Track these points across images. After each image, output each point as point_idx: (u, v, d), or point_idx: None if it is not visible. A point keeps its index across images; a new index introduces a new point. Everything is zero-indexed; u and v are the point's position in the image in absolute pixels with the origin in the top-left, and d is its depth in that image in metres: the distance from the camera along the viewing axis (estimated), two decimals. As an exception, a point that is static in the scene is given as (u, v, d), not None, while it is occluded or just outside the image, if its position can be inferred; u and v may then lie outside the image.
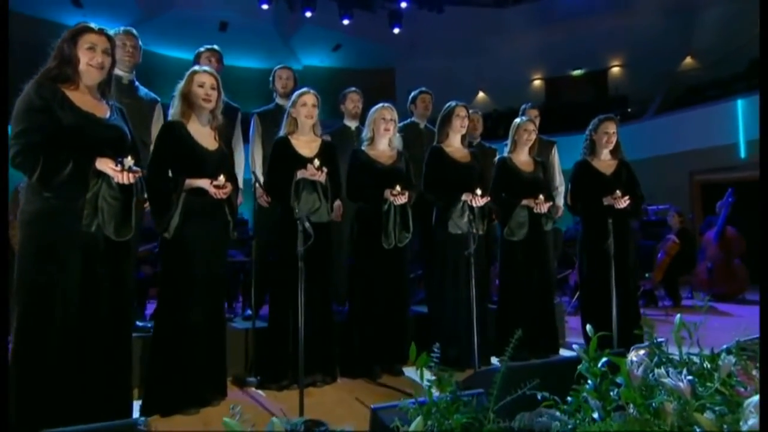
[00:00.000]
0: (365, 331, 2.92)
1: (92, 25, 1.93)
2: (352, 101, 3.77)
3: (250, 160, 3.48)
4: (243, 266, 4.13)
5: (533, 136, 3.32)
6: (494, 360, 3.23)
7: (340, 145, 3.54)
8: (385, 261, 2.94)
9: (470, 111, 4.15)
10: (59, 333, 1.73)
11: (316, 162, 2.65)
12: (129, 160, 1.84)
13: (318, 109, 2.85)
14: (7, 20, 1.89)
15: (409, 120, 4.04)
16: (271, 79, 3.67)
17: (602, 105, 12.34)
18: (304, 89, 2.89)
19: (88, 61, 1.90)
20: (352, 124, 3.77)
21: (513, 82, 12.62)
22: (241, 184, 3.33)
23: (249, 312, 3.39)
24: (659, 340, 1.47)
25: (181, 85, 2.39)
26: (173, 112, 2.40)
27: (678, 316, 1.49)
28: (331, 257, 2.96)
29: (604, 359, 1.33)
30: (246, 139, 3.57)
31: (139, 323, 2.82)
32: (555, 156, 4.19)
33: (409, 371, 3.02)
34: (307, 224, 2.13)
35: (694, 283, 6.44)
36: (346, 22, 10.84)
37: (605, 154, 3.32)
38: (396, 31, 11.27)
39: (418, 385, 1.24)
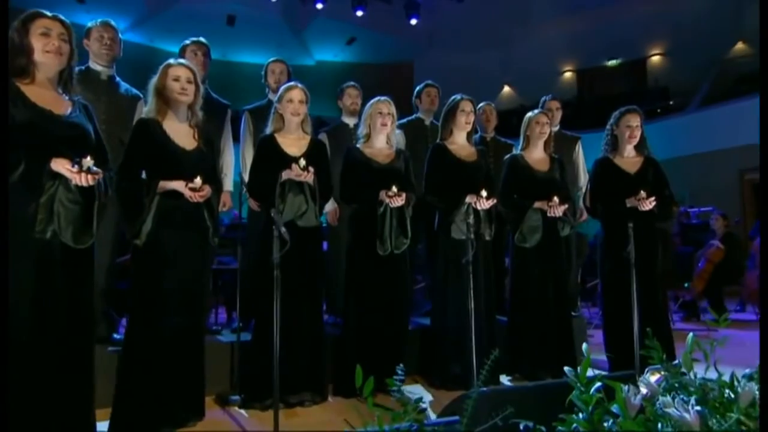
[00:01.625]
0: (360, 345, 2.86)
1: (44, 11, 1.92)
2: (351, 97, 3.73)
3: (240, 160, 3.46)
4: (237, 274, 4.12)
5: (546, 130, 3.21)
6: (505, 379, 3.13)
7: (339, 144, 3.51)
8: (381, 269, 2.88)
9: (483, 103, 4.14)
10: (12, 351, 1.71)
11: (302, 161, 2.61)
12: (88, 161, 1.81)
13: (306, 105, 2.80)
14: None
15: (414, 116, 3.98)
16: (263, 73, 3.65)
17: (641, 98, 12.03)
18: (291, 83, 2.86)
19: (43, 48, 1.86)
20: (351, 122, 3.72)
21: (541, 75, 12.42)
22: (230, 186, 3.34)
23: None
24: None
25: (154, 79, 2.38)
26: (147, 108, 2.39)
27: (690, 335, 1.39)
28: (322, 265, 2.92)
29: (597, 384, 1.24)
30: (237, 138, 3.56)
31: (116, 336, 2.81)
32: (579, 153, 4.07)
33: (410, 390, 2.94)
34: (283, 229, 2.08)
35: (743, 294, 6.14)
36: (359, 13, 10.85)
37: (629, 150, 3.19)
38: (413, 22, 11.22)
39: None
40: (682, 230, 6.49)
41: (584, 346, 1.42)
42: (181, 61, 2.45)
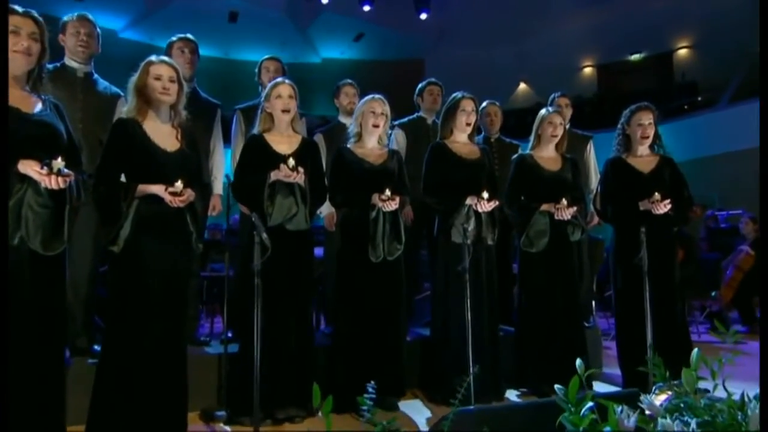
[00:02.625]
0: (351, 358, 2.83)
1: (16, 7, 1.93)
2: (348, 95, 3.72)
3: (231, 162, 3.46)
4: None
5: (559, 132, 3.18)
6: (512, 395, 3.07)
7: (335, 145, 3.49)
8: (373, 277, 2.86)
9: (487, 102, 4.11)
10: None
11: (291, 161, 2.60)
12: (59, 162, 1.82)
13: (296, 101, 2.80)
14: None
15: (416, 115, 3.97)
16: (256, 71, 3.66)
17: (667, 94, 11.90)
18: (279, 79, 2.86)
19: (12, 47, 1.87)
20: (348, 121, 3.67)
21: (560, 71, 12.34)
22: (220, 190, 3.34)
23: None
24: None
25: (134, 77, 2.38)
26: (127, 108, 2.39)
27: (695, 350, 1.33)
28: (311, 271, 2.91)
29: (589, 404, 1.20)
30: (228, 139, 3.57)
31: (97, 348, 2.81)
32: (591, 153, 4.03)
33: (406, 405, 2.91)
34: (264, 235, 2.06)
35: (776, 303, 5.98)
36: (366, 8, 10.88)
37: (642, 149, 3.17)
38: (423, 16, 11.21)
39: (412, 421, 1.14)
40: (709, 235, 6.36)
41: (578, 361, 1.38)
42: (164, 58, 2.45)
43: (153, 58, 2.43)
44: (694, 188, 3.17)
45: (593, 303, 4.56)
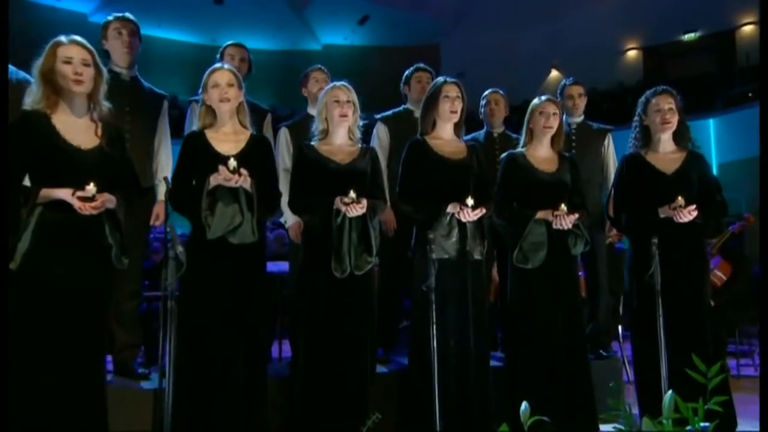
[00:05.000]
0: (310, 390, 2.77)
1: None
2: (318, 82, 3.66)
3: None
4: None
5: (553, 123, 3.06)
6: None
7: (303, 139, 3.44)
8: (337, 295, 2.79)
9: (490, 90, 4.02)
10: None
11: (232, 162, 2.53)
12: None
13: (239, 90, 2.74)
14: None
15: (402, 107, 3.89)
16: (217, 56, 3.61)
17: (728, 79, 11.65)
18: (217, 65, 2.81)
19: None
20: (317, 112, 3.64)
21: (598, 55, 12.21)
22: (161, 196, 3.29)
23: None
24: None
25: (39, 62, 2.33)
26: (31, 99, 2.35)
27: (668, 393, 1.24)
28: (263, 292, 2.87)
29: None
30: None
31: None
32: (609, 149, 3.92)
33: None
34: (179, 249, 1.99)
35: None
36: (371, -14, 10.89)
37: (665, 143, 3.05)
38: (437, -6, 11.18)
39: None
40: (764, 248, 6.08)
41: (523, 406, 1.30)
42: (74, 37, 2.39)
43: (62, 37, 2.38)
44: (757, 191, 2.98)
45: (620, 328, 4.40)
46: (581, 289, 3.36)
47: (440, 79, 3.09)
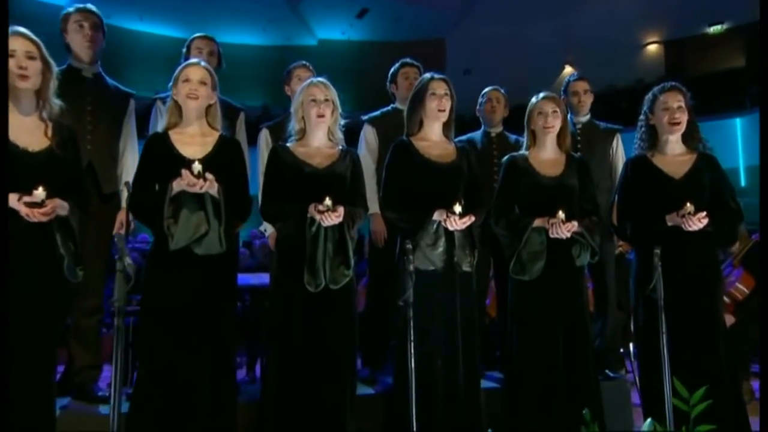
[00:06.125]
0: (282, 415, 2.74)
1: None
2: (300, 80, 3.62)
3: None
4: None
5: (553, 123, 3.04)
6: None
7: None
8: (312, 310, 2.76)
9: (489, 88, 4.02)
10: None
11: (196, 165, 2.51)
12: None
13: (210, 90, 2.73)
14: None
15: (389, 107, 3.88)
16: (184, 50, 3.60)
17: (757, 75, 11.50)
18: (193, 60, 2.82)
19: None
20: (300, 112, 3.63)
21: (616, 49, 12.23)
22: (124, 202, 3.26)
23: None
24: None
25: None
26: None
27: (648, 420, 1.19)
28: (232, 307, 2.88)
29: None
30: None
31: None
32: (618, 150, 3.90)
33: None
34: (127, 260, 1.95)
35: None
36: (370, -23, 10.91)
37: (673, 145, 3.01)
38: (442, -15, 11.19)
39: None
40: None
41: None
42: (18, 29, 2.38)
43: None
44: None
45: (631, 346, 4.33)
46: (588, 304, 3.31)
47: (427, 75, 3.07)
